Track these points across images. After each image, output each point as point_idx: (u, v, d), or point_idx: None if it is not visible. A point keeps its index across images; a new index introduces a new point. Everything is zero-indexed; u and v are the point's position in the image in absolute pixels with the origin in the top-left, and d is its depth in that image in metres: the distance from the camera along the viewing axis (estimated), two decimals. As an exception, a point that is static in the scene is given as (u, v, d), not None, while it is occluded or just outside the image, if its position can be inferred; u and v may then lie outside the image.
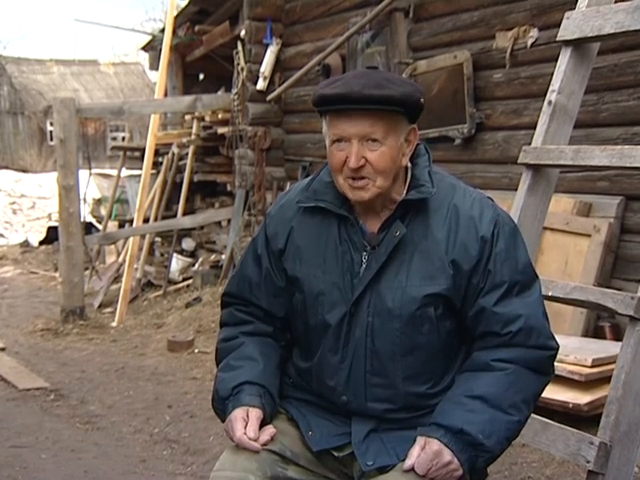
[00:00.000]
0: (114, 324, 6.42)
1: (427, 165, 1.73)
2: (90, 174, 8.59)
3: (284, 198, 1.84)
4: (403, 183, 1.72)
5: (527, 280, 1.70)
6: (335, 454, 1.72)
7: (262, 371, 1.75)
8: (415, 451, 1.59)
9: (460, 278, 1.66)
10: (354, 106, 1.61)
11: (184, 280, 7.37)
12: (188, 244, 7.78)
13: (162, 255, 8.00)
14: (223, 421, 1.74)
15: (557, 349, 1.72)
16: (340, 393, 1.71)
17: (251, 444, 1.64)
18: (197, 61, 8.53)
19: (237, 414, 1.68)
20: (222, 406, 1.74)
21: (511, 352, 1.65)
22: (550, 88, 2.58)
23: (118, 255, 8.25)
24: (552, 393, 3.26)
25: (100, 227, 9.07)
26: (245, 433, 1.65)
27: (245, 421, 1.67)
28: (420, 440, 1.61)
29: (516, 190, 2.60)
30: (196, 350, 5.36)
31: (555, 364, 1.76)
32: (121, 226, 8.74)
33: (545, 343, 1.68)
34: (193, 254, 7.76)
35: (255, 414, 1.68)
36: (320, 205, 1.73)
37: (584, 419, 3.21)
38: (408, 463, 1.58)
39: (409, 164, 1.73)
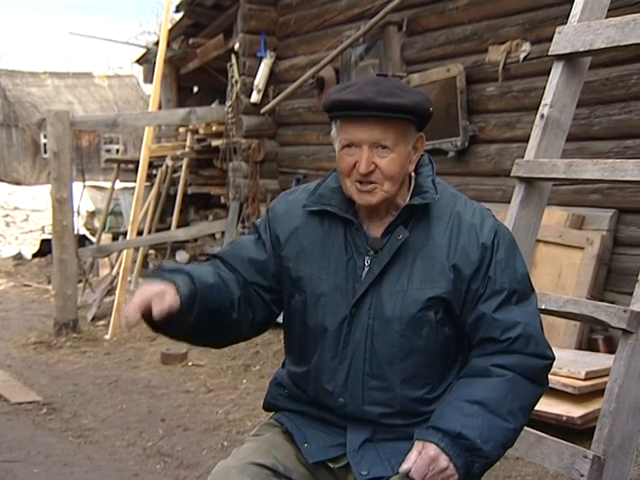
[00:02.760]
0: (107, 337, 6.39)
1: (431, 174, 1.77)
2: (84, 186, 8.58)
3: (290, 196, 1.85)
4: (407, 190, 1.75)
5: (525, 290, 1.72)
6: (330, 465, 1.72)
7: (205, 275, 1.71)
8: (413, 455, 1.59)
9: (460, 283, 1.68)
10: (367, 113, 1.63)
11: (178, 292, 7.34)
12: (182, 256, 7.77)
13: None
14: None
15: (553, 359, 1.73)
16: (337, 395, 1.71)
17: (131, 315, 1.57)
18: (191, 74, 8.55)
19: (151, 287, 1.60)
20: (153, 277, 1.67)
21: (509, 358, 1.66)
22: (542, 102, 2.60)
23: (112, 268, 8.23)
24: (546, 406, 3.26)
25: (94, 240, 9.06)
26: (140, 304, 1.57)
27: (151, 293, 1.58)
28: (418, 444, 1.61)
29: (509, 203, 2.61)
30: (190, 363, 5.34)
31: (549, 377, 1.77)
32: (115, 239, 8.72)
33: (543, 352, 1.70)
34: (187, 266, 7.74)
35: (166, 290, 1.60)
36: (326, 209, 1.75)
37: (578, 432, 3.21)
38: (405, 467, 1.58)
39: (412, 173, 1.76)
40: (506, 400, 1.63)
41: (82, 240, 8.93)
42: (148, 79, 9.08)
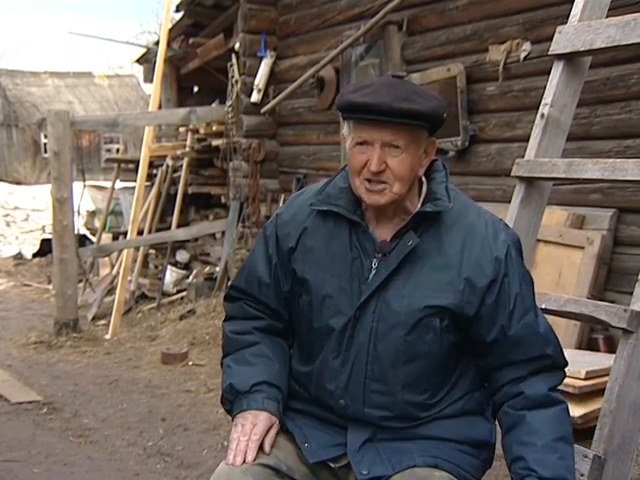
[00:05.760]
0: (107, 336, 6.40)
1: (444, 181, 1.75)
2: (84, 186, 8.58)
3: (297, 199, 1.85)
4: (417, 195, 1.74)
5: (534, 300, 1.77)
6: (331, 465, 1.72)
7: (278, 372, 1.78)
8: None
9: (473, 295, 1.68)
10: (382, 117, 1.62)
11: (178, 292, 7.35)
12: (182, 256, 7.77)
13: (156, 267, 7.98)
14: (228, 412, 1.79)
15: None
16: (339, 396, 1.72)
17: (240, 458, 1.67)
18: (191, 73, 8.55)
19: (250, 416, 1.72)
20: (234, 398, 1.76)
21: (554, 377, 1.72)
22: (543, 101, 2.59)
23: (112, 267, 8.23)
24: (546, 405, 3.26)
25: (94, 239, 9.06)
26: (248, 440, 1.69)
27: (253, 425, 1.70)
28: None
29: (509, 202, 2.61)
30: (190, 362, 5.35)
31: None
32: (115, 238, 8.72)
33: (564, 362, 1.76)
34: (187, 266, 7.74)
35: (269, 422, 1.72)
36: (333, 209, 1.74)
37: (578, 432, 3.18)
38: None
39: (423, 178, 1.75)
40: (568, 425, 1.71)
41: (82, 240, 8.93)
42: (148, 79, 9.08)
